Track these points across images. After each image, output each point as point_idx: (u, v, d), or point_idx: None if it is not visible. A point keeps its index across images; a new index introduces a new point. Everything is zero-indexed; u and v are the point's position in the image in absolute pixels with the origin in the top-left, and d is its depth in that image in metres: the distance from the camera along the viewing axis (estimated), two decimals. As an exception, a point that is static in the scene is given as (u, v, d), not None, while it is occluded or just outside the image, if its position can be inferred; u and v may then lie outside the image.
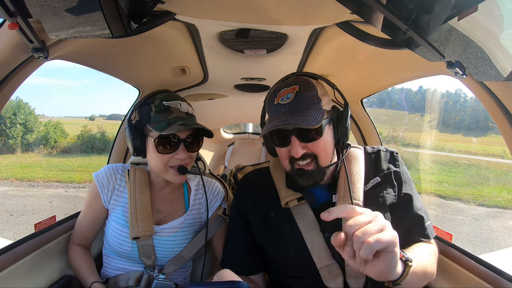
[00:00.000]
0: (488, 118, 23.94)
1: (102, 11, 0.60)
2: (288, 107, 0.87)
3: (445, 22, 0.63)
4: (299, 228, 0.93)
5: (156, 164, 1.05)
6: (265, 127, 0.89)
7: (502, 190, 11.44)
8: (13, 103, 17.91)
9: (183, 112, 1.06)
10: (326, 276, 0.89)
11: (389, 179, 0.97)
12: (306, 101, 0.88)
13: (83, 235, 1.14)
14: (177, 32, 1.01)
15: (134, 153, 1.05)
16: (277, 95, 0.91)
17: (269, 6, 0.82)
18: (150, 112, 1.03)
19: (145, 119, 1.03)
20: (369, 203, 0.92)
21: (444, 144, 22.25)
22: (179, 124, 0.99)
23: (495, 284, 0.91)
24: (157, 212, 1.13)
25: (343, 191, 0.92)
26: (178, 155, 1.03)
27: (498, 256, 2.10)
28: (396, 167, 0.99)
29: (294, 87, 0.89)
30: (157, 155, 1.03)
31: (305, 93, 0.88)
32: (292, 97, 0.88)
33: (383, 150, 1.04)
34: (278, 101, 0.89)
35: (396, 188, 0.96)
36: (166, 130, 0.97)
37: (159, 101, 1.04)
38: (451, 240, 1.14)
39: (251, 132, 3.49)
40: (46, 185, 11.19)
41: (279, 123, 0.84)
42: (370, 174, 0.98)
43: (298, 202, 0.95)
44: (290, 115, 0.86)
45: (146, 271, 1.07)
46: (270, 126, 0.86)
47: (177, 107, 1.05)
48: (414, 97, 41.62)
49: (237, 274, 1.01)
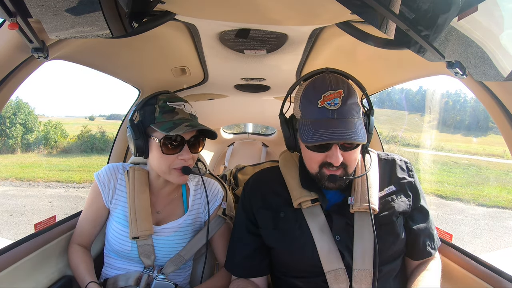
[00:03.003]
0: (488, 118, 23.92)
1: (102, 11, 0.60)
2: (336, 114, 0.83)
3: (445, 22, 0.63)
4: (309, 230, 0.92)
5: (159, 164, 1.04)
6: (313, 133, 0.83)
7: (502, 190, 11.44)
8: (13, 103, 17.91)
9: (188, 113, 1.06)
10: (332, 280, 0.88)
11: (404, 189, 0.98)
12: (351, 109, 0.85)
13: (83, 234, 1.14)
14: (177, 32, 1.00)
15: (136, 153, 1.05)
16: (322, 97, 0.84)
17: (269, 6, 0.82)
18: (154, 112, 1.02)
19: (148, 119, 1.03)
20: (383, 210, 0.92)
21: (444, 144, 22.24)
22: (186, 125, 0.99)
23: (495, 284, 0.91)
24: (156, 213, 1.13)
25: (360, 194, 0.91)
26: (183, 156, 1.02)
27: (498, 256, 2.10)
28: (410, 177, 1.00)
29: (340, 91, 0.85)
30: (161, 156, 1.02)
31: (350, 99, 0.85)
32: (339, 104, 0.83)
33: (398, 159, 1.04)
34: (324, 104, 0.84)
35: (411, 198, 0.97)
36: (173, 130, 0.97)
37: (163, 102, 1.04)
38: (451, 240, 1.14)
39: (251, 132, 3.49)
40: (46, 185, 11.18)
41: (336, 136, 0.81)
42: (385, 181, 0.99)
43: (312, 203, 0.93)
44: (340, 125, 0.82)
45: (146, 271, 1.07)
46: (325, 137, 0.81)
47: (181, 108, 1.05)
48: (414, 97, 41.60)
49: (241, 276, 1.02)
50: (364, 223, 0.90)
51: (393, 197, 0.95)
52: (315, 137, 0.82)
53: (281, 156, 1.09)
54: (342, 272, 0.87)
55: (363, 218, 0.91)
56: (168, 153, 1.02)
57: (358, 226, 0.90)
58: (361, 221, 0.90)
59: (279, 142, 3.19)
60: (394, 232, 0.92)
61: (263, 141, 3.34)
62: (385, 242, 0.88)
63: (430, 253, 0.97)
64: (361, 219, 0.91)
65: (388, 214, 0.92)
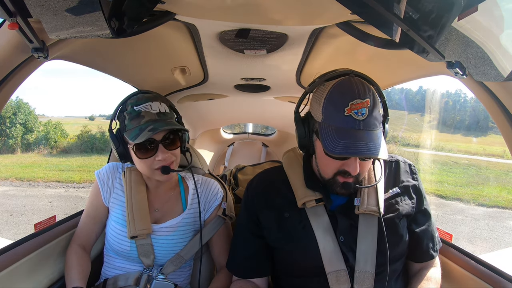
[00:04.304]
0: (488, 118, 23.94)
1: (102, 11, 0.60)
2: (363, 125, 0.81)
3: (446, 23, 0.63)
4: (313, 230, 0.92)
5: (141, 168, 1.07)
6: (339, 143, 0.80)
7: (502, 190, 11.45)
8: (13, 103, 17.92)
9: (154, 114, 1.03)
10: (334, 281, 0.87)
11: (408, 191, 0.98)
12: (375, 120, 0.84)
13: (84, 233, 1.14)
14: (177, 32, 1.00)
15: (121, 160, 1.08)
16: (349, 105, 0.81)
17: (269, 6, 0.82)
18: (125, 120, 1.04)
19: (122, 127, 1.05)
20: (387, 212, 0.93)
21: (444, 144, 22.25)
22: (149, 130, 0.98)
23: (495, 284, 0.91)
24: (154, 211, 1.13)
25: (366, 196, 0.92)
26: (158, 157, 1.03)
27: (498, 256, 2.10)
28: (414, 180, 1.01)
29: (367, 100, 0.82)
30: (140, 161, 1.04)
31: (375, 110, 0.84)
32: (366, 114, 0.81)
33: (402, 161, 1.05)
34: (351, 113, 0.81)
35: (414, 200, 0.97)
36: (137, 138, 0.97)
37: (130, 107, 1.04)
38: (451, 240, 1.14)
39: (251, 132, 3.49)
40: (46, 185, 11.19)
41: (358, 149, 0.79)
42: (389, 183, 0.99)
43: (316, 203, 0.93)
44: (365, 138, 0.80)
45: (146, 271, 1.08)
46: (347, 150, 0.79)
47: (147, 110, 1.03)
48: (414, 97, 41.60)
49: (242, 277, 1.02)
50: (369, 224, 0.90)
51: (397, 199, 0.96)
52: (341, 149, 0.80)
53: (284, 156, 1.09)
54: (344, 273, 0.87)
55: (367, 220, 0.91)
56: (143, 157, 1.03)
57: (362, 227, 0.90)
58: (365, 223, 0.91)
59: (279, 142, 3.19)
60: (398, 234, 0.92)
61: (263, 141, 3.34)
62: (389, 244, 0.88)
63: (432, 255, 0.98)
64: (366, 221, 0.91)
65: (392, 216, 0.92)
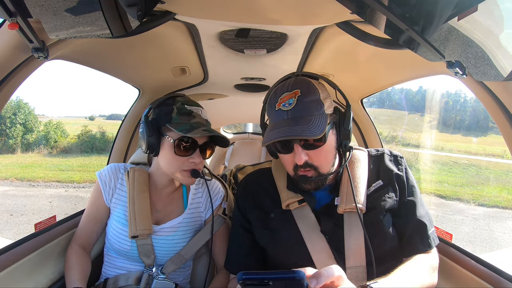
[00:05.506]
0: (488, 118, 23.93)
1: (102, 11, 0.60)
2: (291, 113, 0.85)
3: (445, 22, 0.63)
4: (299, 230, 0.92)
5: (169, 164, 1.06)
6: (267, 135, 0.86)
7: (502, 190, 11.44)
8: (13, 103, 17.93)
9: (204, 119, 1.08)
10: None
11: (392, 182, 0.95)
12: (308, 106, 0.85)
13: (84, 233, 1.14)
14: (177, 32, 1.01)
15: (147, 150, 1.04)
16: (278, 100, 0.87)
17: (269, 6, 0.83)
18: (172, 112, 1.03)
19: (164, 118, 1.03)
20: (371, 207, 0.91)
21: (444, 144, 22.25)
22: (203, 129, 1.01)
23: (495, 284, 0.90)
24: (156, 212, 1.13)
25: (346, 194, 0.91)
26: (194, 159, 1.04)
27: (498, 256, 2.10)
28: (399, 170, 0.97)
29: (296, 91, 0.85)
30: (173, 156, 1.03)
31: (307, 97, 0.85)
32: (294, 103, 0.84)
33: (387, 153, 1.02)
34: (280, 106, 0.86)
35: (398, 192, 0.94)
36: (190, 133, 0.98)
37: (181, 104, 1.05)
38: (451, 240, 1.14)
39: (251, 132, 3.49)
40: (46, 185, 11.20)
41: (282, 133, 0.82)
42: (373, 177, 0.97)
43: (299, 204, 0.94)
44: (293, 123, 0.83)
45: (146, 270, 1.08)
46: (272, 136, 0.83)
47: (198, 113, 1.07)
48: (414, 97, 41.60)
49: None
50: (353, 222, 0.90)
51: (380, 193, 0.94)
52: (266, 138, 0.85)
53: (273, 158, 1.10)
54: None
55: (351, 218, 0.90)
56: (180, 154, 1.03)
57: (347, 225, 0.90)
58: (349, 221, 0.90)
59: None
60: (383, 230, 0.90)
61: None
62: (375, 240, 0.87)
63: (419, 249, 0.91)
64: (350, 219, 0.90)
65: (376, 212, 0.91)
